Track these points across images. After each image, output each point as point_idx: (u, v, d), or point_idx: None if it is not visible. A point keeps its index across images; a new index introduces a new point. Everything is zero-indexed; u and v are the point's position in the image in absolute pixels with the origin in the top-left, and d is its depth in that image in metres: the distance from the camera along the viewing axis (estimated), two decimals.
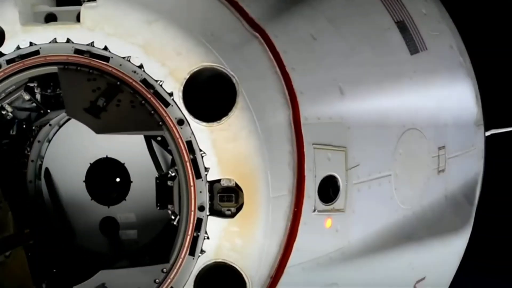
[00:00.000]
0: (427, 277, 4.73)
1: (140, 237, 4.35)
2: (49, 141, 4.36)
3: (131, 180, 4.31)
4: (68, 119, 4.31)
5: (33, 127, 4.35)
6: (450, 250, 5.02)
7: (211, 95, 3.69)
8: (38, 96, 4.16)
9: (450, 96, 4.99)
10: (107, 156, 4.33)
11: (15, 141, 4.33)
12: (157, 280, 3.72)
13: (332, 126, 3.94)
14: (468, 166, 5.21)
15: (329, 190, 3.92)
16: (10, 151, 4.34)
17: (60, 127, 4.33)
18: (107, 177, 4.36)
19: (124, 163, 4.32)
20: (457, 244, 5.07)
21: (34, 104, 4.27)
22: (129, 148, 4.32)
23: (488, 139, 5.88)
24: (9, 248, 9.43)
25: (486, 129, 5.79)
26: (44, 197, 4.41)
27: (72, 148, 4.37)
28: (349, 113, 4.03)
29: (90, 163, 4.33)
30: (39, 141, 4.35)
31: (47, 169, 4.37)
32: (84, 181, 4.35)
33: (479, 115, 5.44)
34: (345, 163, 3.97)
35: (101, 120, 3.72)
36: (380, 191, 4.21)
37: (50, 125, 4.31)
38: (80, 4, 3.75)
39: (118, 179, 4.35)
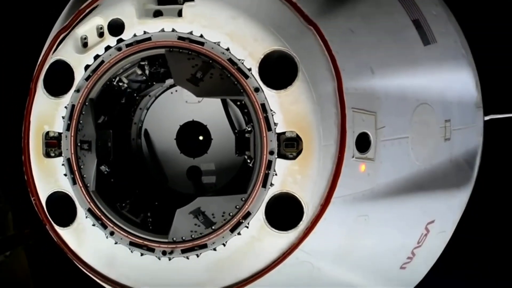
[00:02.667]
0: (436, 221, 5.36)
1: (217, 181, 5.16)
2: (147, 109, 5.21)
3: (212, 138, 5.16)
4: (162, 92, 5.19)
5: (137, 97, 5.18)
6: (454, 202, 5.61)
7: (279, 70, 4.51)
8: (147, 72, 4.97)
9: (454, 80, 5.62)
10: (193, 119, 5.16)
11: (124, 108, 5.15)
12: (237, 206, 4.57)
13: (366, 96, 4.75)
14: (469, 138, 5.80)
15: (363, 143, 4.71)
16: (120, 115, 5.14)
17: (156, 98, 5.20)
18: (193, 135, 5.19)
19: (206, 125, 5.15)
20: (459, 198, 5.67)
21: (143, 78, 4.99)
22: (210, 113, 5.15)
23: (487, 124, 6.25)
24: (9, 248, 8.78)
25: (485, 114, 6.21)
26: (144, 151, 5.24)
27: (165, 114, 5.20)
28: (378, 88, 4.82)
29: (179, 125, 5.17)
30: (140, 109, 5.21)
31: (146, 130, 5.21)
32: (175, 139, 5.18)
33: (479, 98, 5.97)
34: (375, 124, 4.76)
35: (199, 88, 4.64)
36: (400, 148, 4.95)
37: (149, 96, 5.17)
38: (178, 4, 4.62)
39: (201, 137, 5.18)
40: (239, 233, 4.55)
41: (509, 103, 7.05)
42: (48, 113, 4.78)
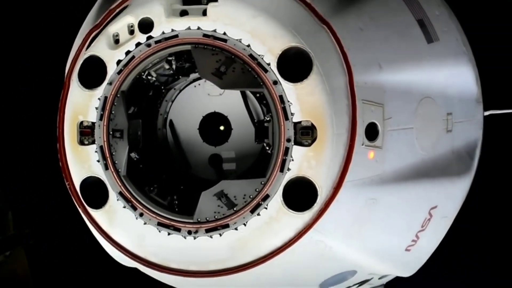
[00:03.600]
0: (439, 206, 5.56)
1: (237, 168, 5.41)
2: (172, 101, 5.46)
3: (232, 127, 5.41)
4: (186, 86, 5.44)
5: (163, 90, 5.43)
6: (456, 189, 5.79)
7: (295, 64, 4.77)
8: (173, 67, 5.24)
9: (455, 76, 5.78)
10: (214, 111, 5.42)
11: (151, 100, 5.41)
12: (257, 189, 4.83)
13: (374, 89, 4.98)
14: (470, 131, 5.94)
15: (372, 132, 4.94)
16: (147, 107, 5.39)
17: (180, 91, 5.46)
18: (214, 126, 5.44)
19: (227, 116, 5.40)
20: (460, 186, 5.83)
21: (170, 72, 5.27)
22: (230, 105, 5.41)
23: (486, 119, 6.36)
24: (9, 248, 8.83)
25: (485, 110, 6.31)
26: (169, 140, 5.49)
27: (189, 106, 5.46)
28: (385, 82, 5.05)
29: (202, 116, 5.42)
30: (166, 101, 5.46)
31: (171, 121, 5.46)
32: (198, 129, 5.44)
33: (479, 94, 6.09)
34: (383, 115, 5.00)
35: (222, 80, 4.93)
36: (405, 138, 5.19)
37: (174, 89, 5.43)
38: (203, 4, 4.87)
39: (222, 127, 5.43)
40: (258, 214, 4.82)
41: (508, 99, 7.16)
42: (82, 104, 5.03)
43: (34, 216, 9.94)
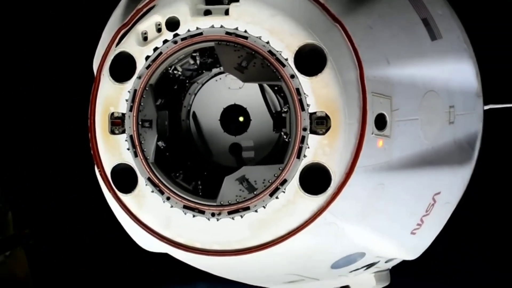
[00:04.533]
0: (442, 192, 5.69)
1: (255, 156, 5.59)
2: (195, 94, 5.63)
3: (251, 118, 5.59)
4: (208, 80, 5.61)
5: (187, 84, 5.60)
6: (457, 177, 5.92)
7: (311, 60, 4.98)
8: (198, 62, 5.42)
9: (457, 71, 5.89)
10: (234, 103, 5.60)
11: (176, 93, 5.58)
12: (275, 174, 5.02)
13: (382, 82, 5.15)
14: (470, 123, 6.03)
15: (380, 122, 5.13)
16: (172, 99, 5.58)
17: (202, 85, 5.62)
18: (234, 117, 5.63)
19: (246, 108, 5.58)
20: (462, 174, 5.97)
21: (194, 67, 5.45)
22: (249, 98, 5.59)
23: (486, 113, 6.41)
24: (9, 248, 8.69)
25: (485, 104, 6.39)
26: (192, 131, 5.67)
27: (210, 99, 5.64)
28: (392, 76, 5.22)
29: (223, 108, 5.60)
30: (189, 94, 5.62)
31: (194, 112, 5.64)
32: (219, 120, 5.62)
33: (479, 88, 6.18)
34: (390, 107, 5.16)
35: (244, 74, 5.13)
36: (411, 128, 5.35)
37: (197, 83, 5.59)
38: (224, 4, 5.09)
39: (241, 118, 5.62)
40: (277, 197, 5.02)
41: (507, 94, 7.27)
42: (113, 96, 5.23)
43: (34, 216, 9.92)
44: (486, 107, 6.51)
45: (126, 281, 10.31)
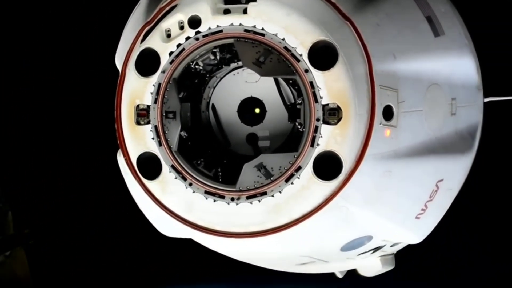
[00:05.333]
0: (444, 179, 5.90)
1: (271, 145, 5.85)
2: (214, 87, 5.89)
3: (266, 110, 5.85)
4: (226, 74, 5.88)
5: (207, 78, 5.87)
6: (459, 165, 6.14)
7: (324, 55, 5.22)
8: (218, 57, 5.70)
9: (459, 65, 6.11)
10: (251, 96, 5.87)
11: (196, 86, 5.86)
12: (291, 162, 5.27)
13: (389, 76, 5.38)
14: (471, 115, 6.25)
15: (388, 113, 5.36)
16: (194, 92, 5.86)
17: (221, 79, 5.89)
18: (251, 108, 5.88)
19: (262, 100, 5.85)
20: (463, 162, 6.18)
21: (214, 62, 5.71)
22: (265, 91, 5.85)
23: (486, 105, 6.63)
24: (9, 248, 8.68)
25: (485, 96, 6.60)
26: (211, 122, 5.93)
27: (229, 92, 5.90)
28: (399, 70, 5.45)
29: (240, 100, 5.88)
30: (209, 87, 5.90)
31: (213, 104, 5.90)
32: (236, 111, 5.89)
33: (479, 82, 6.40)
34: (397, 99, 5.39)
35: (261, 69, 5.42)
36: (416, 119, 5.57)
37: (216, 77, 5.87)
38: (242, 3, 5.32)
39: (258, 110, 5.87)
40: (292, 183, 5.26)
41: (506, 88, 7.49)
42: (139, 90, 5.47)
43: (34, 216, 9.95)
44: (486, 100, 6.69)
45: (126, 281, 10.38)
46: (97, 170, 10.40)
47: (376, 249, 6.28)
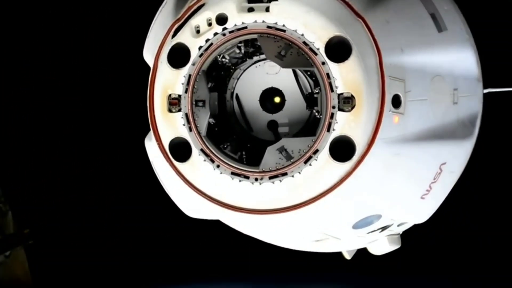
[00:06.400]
0: (447, 163, 6.21)
1: (289, 131, 6.17)
2: (238, 79, 6.22)
3: (285, 99, 6.20)
4: (249, 66, 6.20)
5: (231, 70, 6.19)
6: (461, 150, 6.44)
7: (339, 49, 5.54)
8: (242, 51, 6.04)
9: (460, 59, 6.38)
10: (272, 86, 6.21)
11: (222, 78, 6.20)
12: (309, 145, 5.59)
13: (398, 68, 5.71)
14: (472, 104, 6.53)
15: (396, 101, 5.67)
16: (220, 83, 6.20)
17: (244, 70, 6.22)
18: (271, 98, 6.23)
19: (281, 90, 6.18)
20: (464, 147, 6.48)
21: (239, 55, 6.05)
22: (284, 81, 6.18)
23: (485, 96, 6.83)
24: (9, 248, 8.77)
25: (484, 87, 6.84)
26: (235, 110, 6.27)
27: (251, 83, 6.24)
28: (406, 62, 5.77)
29: (262, 90, 6.21)
30: (233, 78, 6.23)
31: (237, 94, 6.24)
32: (258, 100, 6.23)
33: (479, 74, 6.66)
34: (404, 88, 5.71)
35: (283, 61, 5.76)
36: (421, 107, 5.88)
37: (239, 69, 6.19)
38: (263, 2, 5.62)
39: (278, 99, 6.21)
40: (310, 164, 5.58)
41: (504, 80, 7.62)
42: (171, 80, 5.78)
43: (34, 216, 10.04)
44: (486, 91, 6.92)
45: (126, 281, 10.59)
46: (97, 170, 10.65)
47: (384, 228, 6.52)
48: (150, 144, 6.18)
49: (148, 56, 6.30)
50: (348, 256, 7.86)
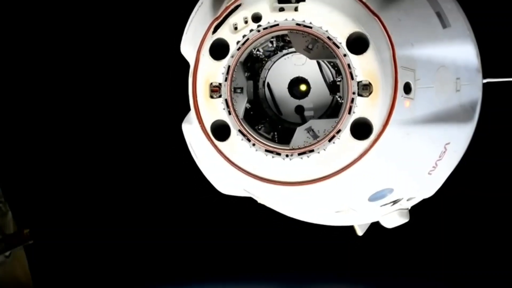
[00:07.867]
0: (451, 143, 6.69)
1: (314, 114, 6.67)
2: (269, 69, 6.73)
3: (311, 87, 6.71)
4: (279, 58, 6.67)
5: (263, 62, 6.68)
6: (463, 132, 6.95)
7: (358, 43, 6.06)
8: (274, 45, 6.54)
9: (462, 52, 6.89)
10: (299, 75, 6.73)
11: (256, 68, 6.72)
12: (332, 126, 6.08)
13: (408, 59, 6.19)
14: (472, 92, 7.00)
15: (407, 88, 6.18)
16: (253, 74, 6.73)
17: (274, 62, 6.73)
18: (298, 85, 6.74)
19: (307, 79, 6.70)
20: (466, 130, 6.97)
21: (272, 49, 6.55)
22: (310, 71, 6.70)
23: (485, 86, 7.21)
24: (9, 248, 8.75)
25: (484, 77, 7.28)
26: (266, 96, 6.80)
27: (280, 72, 6.74)
28: (415, 55, 6.27)
29: (290, 79, 6.73)
30: (265, 69, 6.72)
31: (268, 83, 6.77)
32: (287, 88, 6.74)
33: (479, 65, 7.16)
34: (414, 77, 6.20)
35: (310, 53, 6.31)
36: (428, 94, 6.37)
37: (271, 61, 6.69)
38: (292, 3, 6.11)
39: (304, 87, 6.72)
40: (334, 142, 6.11)
41: (503, 70, 8.04)
42: (212, 71, 6.35)
43: (34, 216, 10.18)
44: (485, 81, 7.34)
45: (126, 281, 10.87)
46: (97, 170, 10.82)
47: (395, 202, 6.93)
48: (189, 128, 6.76)
49: (186, 49, 6.84)
50: (360, 232, 8.44)
